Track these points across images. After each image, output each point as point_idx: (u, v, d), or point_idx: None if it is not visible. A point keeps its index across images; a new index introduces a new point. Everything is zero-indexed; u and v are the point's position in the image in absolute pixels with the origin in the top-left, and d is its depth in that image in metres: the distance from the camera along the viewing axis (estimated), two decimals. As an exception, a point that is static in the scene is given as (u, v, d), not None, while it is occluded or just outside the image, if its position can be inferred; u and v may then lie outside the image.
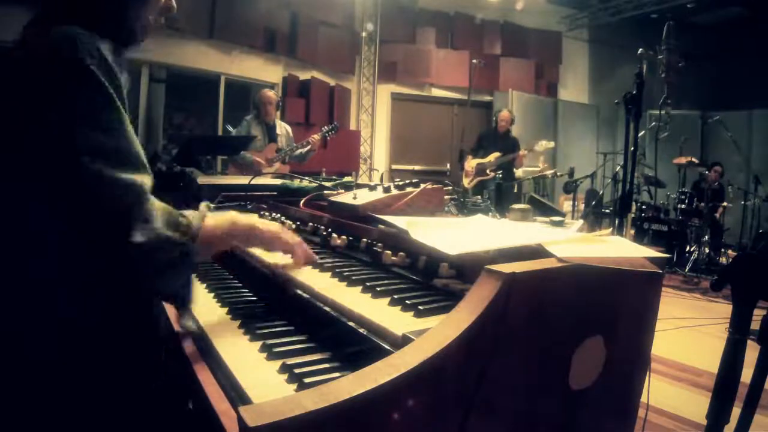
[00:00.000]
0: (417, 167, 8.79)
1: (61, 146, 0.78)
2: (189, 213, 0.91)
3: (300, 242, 1.12)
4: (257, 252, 1.22)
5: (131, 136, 0.86)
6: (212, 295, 1.21)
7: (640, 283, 0.89)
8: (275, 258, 1.14)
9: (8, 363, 0.84)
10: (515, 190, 6.28)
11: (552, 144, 6.51)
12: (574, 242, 0.96)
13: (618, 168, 5.99)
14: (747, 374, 1.22)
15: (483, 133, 6.78)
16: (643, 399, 0.99)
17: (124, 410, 0.92)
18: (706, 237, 5.90)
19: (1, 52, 0.87)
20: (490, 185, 6.11)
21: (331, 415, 0.55)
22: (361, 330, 0.83)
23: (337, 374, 0.77)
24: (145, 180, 0.84)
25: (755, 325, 1.21)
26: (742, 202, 6.67)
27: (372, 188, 1.55)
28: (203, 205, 1.01)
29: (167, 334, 1.02)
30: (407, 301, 0.86)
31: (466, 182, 6.25)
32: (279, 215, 1.63)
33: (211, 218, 0.95)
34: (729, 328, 1.21)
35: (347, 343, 0.85)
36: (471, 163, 6.22)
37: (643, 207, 6.41)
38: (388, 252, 1.10)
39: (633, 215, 6.01)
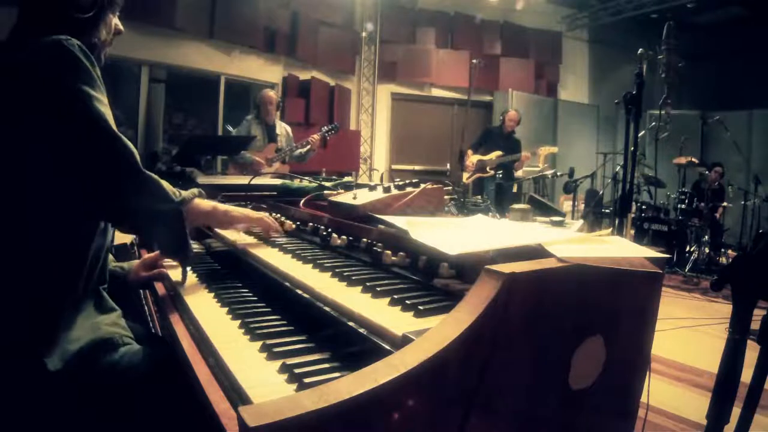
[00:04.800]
0: (417, 167, 8.79)
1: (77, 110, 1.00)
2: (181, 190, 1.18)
3: (263, 216, 1.41)
4: (258, 254, 1.22)
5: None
6: (212, 294, 1.21)
7: (640, 283, 0.89)
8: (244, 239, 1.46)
9: None
10: (515, 190, 6.27)
11: (555, 149, 6.52)
12: (574, 242, 0.96)
13: (618, 168, 5.98)
14: (747, 374, 1.21)
15: (488, 129, 6.78)
16: (643, 399, 0.99)
17: None
18: (706, 237, 5.89)
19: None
20: (489, 185, 6.11)
21: (331, 415, 0.55)
22: (361, 330, 0.82)
23: (337, 374, 0.77)
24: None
25: (755, 325, 1.21)
26: (742, 202, 6.66)
27: (372, 188, 1.54)
28: (195, 189, 1.24)
29: (165, 335, 1.02)
30: (407, 301, 0.86)
31: (465, 177, 6.25)
32: (279, 215, 1.63)
33: (198, 200, 1.23)
34: (729, 328, 1.21)
35: (347, 343, 0.85)
36: (472, 159, 6.21)
37: (643, 207, 6.40)
38: (388, 252, 1.10)
39: (633, 215, 6.00)
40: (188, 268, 1.44)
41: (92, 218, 1.10)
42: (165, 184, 1.12)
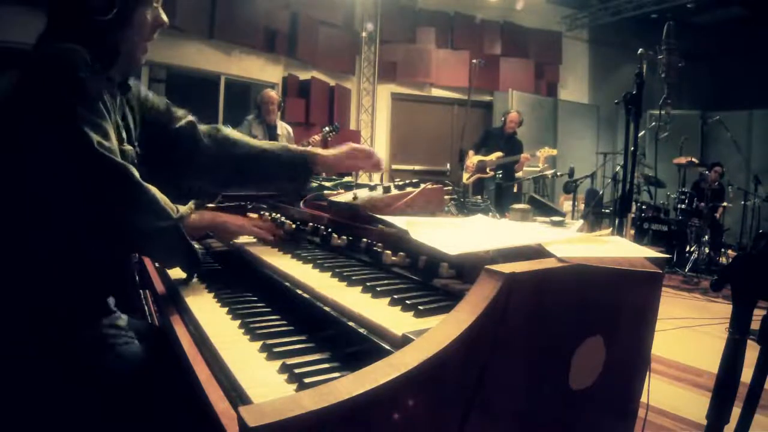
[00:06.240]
0: (417, 167, 8.78)
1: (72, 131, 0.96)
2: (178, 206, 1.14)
3: (263, 225, 1.40)
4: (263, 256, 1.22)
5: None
6: (212, 294, 1.21)
7: (640, 283, 0.89)
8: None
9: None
10: (515, 190, 6.28)
11: (555, 152, 6.53)
12: (574, 242, 0.95)
13: (618, 168, 5.99)
14: (747, 374, 1.21)
15: (490, 130, 6.79)
16: (643, 399, 0.99)
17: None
18: (706, 237, 5.89)
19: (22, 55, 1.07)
20: (490, 185, 6.11)
21: (331, 415, 0.55)
22: (361, 330, 0.82)
23: (337, 374, 0.76)
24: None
25: (755, 325, 1.21)
26: (742, 202, 6.66)
27: (372, 188, 1.54)
28: (191, 202, 1.21)
29: (165, 334, 1.02)
30: (407, 301, 0.86)
31: (465, 177, 6.26)
32: (279, 215, 1.63)
33: (196, 214, 1.21)
34: (729, 328, 1.21)
35: (347, 343, 0.85)
36: (472, 159, 6.22)
37: (643, 207, 6.40)
38: (388, 252, 1.10)
39: (633, 215, 6.00)
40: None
41: (92, 237, 1.06)
42: (162, 200, 1.07)
